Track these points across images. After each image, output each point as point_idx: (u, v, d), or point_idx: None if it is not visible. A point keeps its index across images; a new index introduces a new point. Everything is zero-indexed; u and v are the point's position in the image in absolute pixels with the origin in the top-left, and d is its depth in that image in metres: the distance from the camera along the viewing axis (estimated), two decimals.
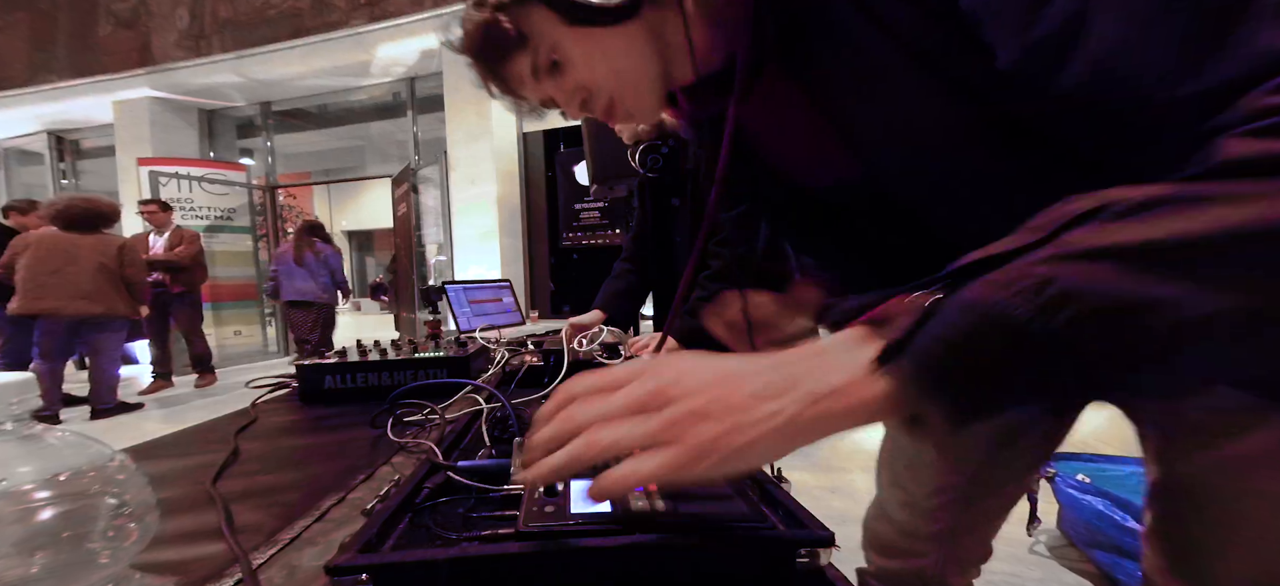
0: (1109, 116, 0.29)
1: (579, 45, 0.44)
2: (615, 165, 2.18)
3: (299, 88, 5.54)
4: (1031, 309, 0.24)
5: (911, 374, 0.28)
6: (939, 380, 0.27)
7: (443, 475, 0.47)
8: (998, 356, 0.26)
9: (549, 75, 0.46)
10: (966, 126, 0.36)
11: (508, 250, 4.67)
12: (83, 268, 3.19)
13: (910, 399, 0.28)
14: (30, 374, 0.34)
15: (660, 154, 1.31)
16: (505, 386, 0.94)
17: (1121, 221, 0.24)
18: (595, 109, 0.48)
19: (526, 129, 4.83)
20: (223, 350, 5.30)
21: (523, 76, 0.48)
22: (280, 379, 1.05)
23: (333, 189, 13.55)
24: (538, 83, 0.47)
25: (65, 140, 6.70)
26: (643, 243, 1.46)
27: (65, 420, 3.44)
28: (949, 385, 0.27)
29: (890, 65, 0.36)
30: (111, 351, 3.46)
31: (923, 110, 0.37)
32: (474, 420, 0.66)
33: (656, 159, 1.31)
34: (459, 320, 1.74)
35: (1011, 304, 0.25)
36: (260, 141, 6.09)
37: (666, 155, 1.31)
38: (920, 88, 0.36)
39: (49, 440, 0.34)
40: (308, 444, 0.72)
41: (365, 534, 0.35)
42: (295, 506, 0.50)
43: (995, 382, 0.26)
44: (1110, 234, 0.24)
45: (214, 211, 5.40)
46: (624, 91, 0.47)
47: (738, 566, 0.34)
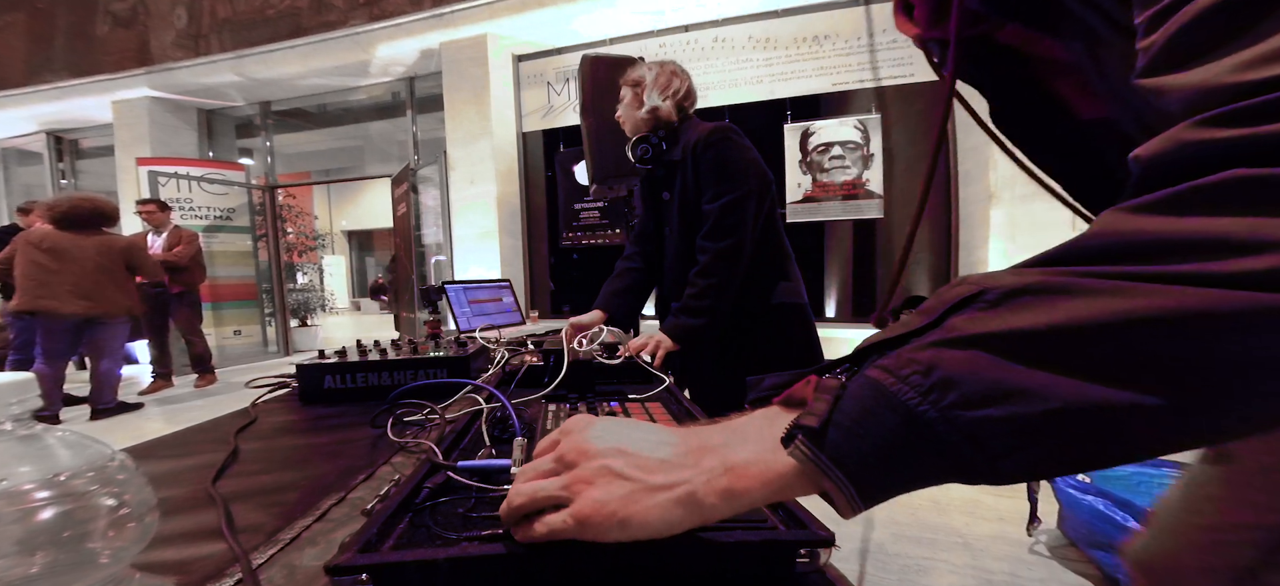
0: None
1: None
2: (615, 165, 2.18)
3: (298, 87, 5.54)
4: (918, 394, 0.25)
5: (813, 453, 0.28)
6: (839, 459, 0.27)
7: (443, 475, 0.47)
8: (893, 438, 0.26)
9: None
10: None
11: (507, 250, 4.66)
12: (83, 267, 3.19)
13: (813, 477, 0.28)
14: (30, 374, 0.34)
15: (650, 145, 1.31)
16: (505, 386, 0.94)
17: (992, 310, 0.25)
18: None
19: (526, 129, 4.83)
20: (222, 350, 5.30)
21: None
22: (280, 379, 1.05)
23: (332, 189, 13.55)
24: None
25: (64, 140, 6.69)
26: (645, 239, 1.46)
27: (65, 420, 3.44)
28: (849, 464, 0.27)
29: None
30: (114, 351, 3.46)
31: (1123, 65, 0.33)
32: (474, 420, 0.66)
33: (646, 150, 1.31)
34: (459, 320, 1.74)
35: (901, 389, 0.26)
36: (259, 141, 6.08)
37: (655, 145, 1.31)
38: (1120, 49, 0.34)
39: (49, 440, 0.34)
40: (308, 444, 0.72)
41: (365, 533, 0.35)
42: (295, 506, 0.50)
43: (892, 463, 0.27)
44: (982, 322, 0.25)
45: (213, 211, 5.39)
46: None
47: (738, 566, 0.34)
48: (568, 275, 4.92)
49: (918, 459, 0.26)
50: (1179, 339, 0.21)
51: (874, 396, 0.27)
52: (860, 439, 0.27)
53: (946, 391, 0.25)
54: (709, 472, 0.31)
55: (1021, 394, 0.23)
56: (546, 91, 4.72)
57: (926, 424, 0.25)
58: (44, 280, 3.11)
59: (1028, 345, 0.24)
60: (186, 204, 5.19)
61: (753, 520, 0.37)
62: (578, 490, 0.32)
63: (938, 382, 0.25)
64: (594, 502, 0.31)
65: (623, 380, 0.97)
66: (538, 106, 4.77)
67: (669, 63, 1.36)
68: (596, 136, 2.19)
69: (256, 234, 5.81)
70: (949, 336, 0.26)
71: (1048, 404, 0.23)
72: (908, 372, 0.26)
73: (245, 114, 6.13)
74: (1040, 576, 1.57)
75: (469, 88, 4.53)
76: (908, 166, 3.91)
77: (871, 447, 0.27)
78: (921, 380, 0.26)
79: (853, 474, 0.27)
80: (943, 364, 0.25)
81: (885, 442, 0.26)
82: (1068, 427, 0.23)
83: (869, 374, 0.28)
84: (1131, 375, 0.22)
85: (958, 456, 0.25)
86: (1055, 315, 0.23)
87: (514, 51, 4.71)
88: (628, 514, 0.31)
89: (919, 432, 0.25)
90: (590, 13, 4.22)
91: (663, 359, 1.16)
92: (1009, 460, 0.24)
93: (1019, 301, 0.24)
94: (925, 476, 0.27)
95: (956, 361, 0.25)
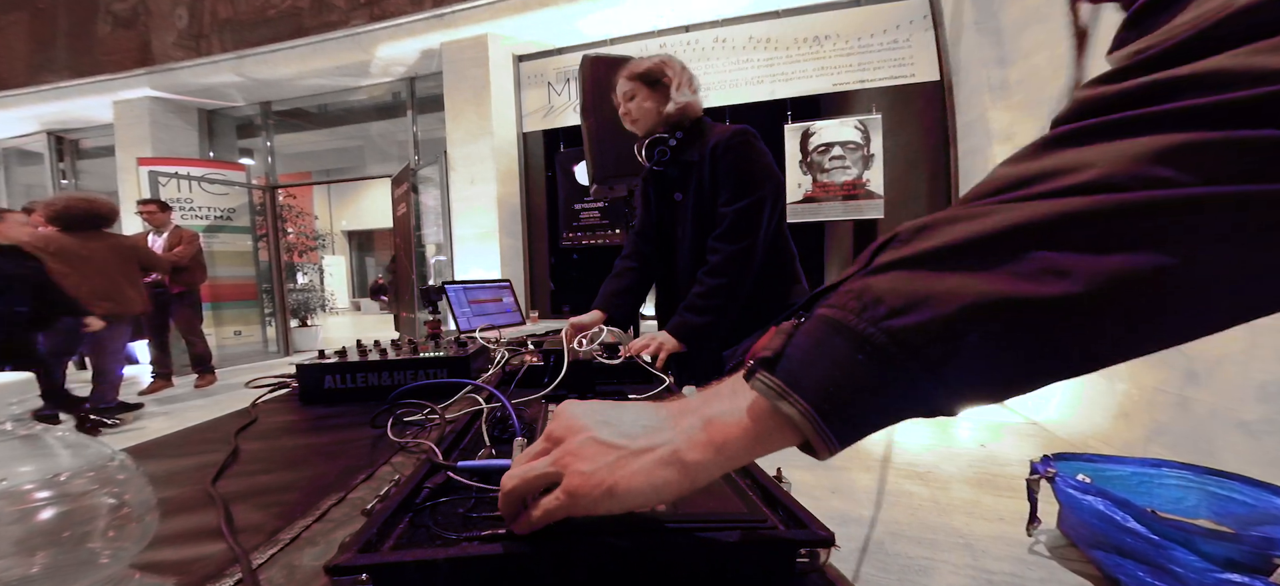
0: None
1: None
2: (615, 165, 2.18)
3: (299, 87, 5.54)
4: (855, 315, 0.29)
5: (769, 380, 0.31)
6: (795, 383, 0.30)
7: (443, 475, 0.47)
8: (843, 361, 0.29)
9: None
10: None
11: (507, 250, 4.67)
12: (97, 268, 3.22)
13: (776, 406, 0.30)
14: (30, 374, 0.34)
15: (667, 147, 1.30)
16: (505, 386, 0.94)
17: (906, 243, 0.30)
18: None
19: (526, 129, 4.84)
20: (222, 350, 5.30)
21: None
22: (280, 379, 1.05)
23: (333, 189, 13.56)
24: None
25: (65, 140, 6.70)
26: (645, 239, 1.45)
27: (65, 420, 3.44)
28: (806, 389, 0.30)
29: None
30: (115, 351, 3.47)
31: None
32: (474, 420, 0.66)
33: (664, 152, 1.30)
34: (459, 320, 1.74)
35: (843, 315, 0.30)
36: (260, 141, 6.09)
37: (674, 148, 1.30)
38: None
39: (49, 440, 0.34)
40: (308, 444, 0.72)
41: (365, 533, 0.35)
42: (295, 506, 0.50)
43: (847, 387, 0.29)
44: (898, 251, 0.30)
45: (214, 211, 5.39)
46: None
47: (738, 566, 0.34)
48: (568, 275, 4.93)
49: (868, 378, 0.28)
50: (1045, 235, 0.26)
51: (822, 327, 0.30)
52: (814, 365, 0.30)
53: (877, 306, 0.28)
54: (688, 429, 0.33)
55: (936, 297, 0.27)
56: (547, 92, 4.72)
57: (866, 339, 0.28)
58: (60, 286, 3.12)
59: (935, 259, 0.28)
60: (187, 204, 5.19)
61: (753, 520, 0.37)
62: (566, 463, 0.33)
63: (869, 302, 0.29)
64: (582, 474, 0.32)
65: (623, 380, 0.97)
66: (538, 106, 4.77)
67: (675, 57, 1.34)
68: (597, 137, 2.19)
69: (257, 234, 5.82)
70: (874, 267, 0.30)
71: (960, 300, 0.27)
72: (846, 301, 0.30)
73: (246, 114, 6.13)
74: (1040, 576, 1.57)
75: (469, 88, 4.53)
76: (908, 167, 3.91)
77: (825, 372, 0.29)
78: (856, 303, 0.29)
79: (811, 398, 0.29)
80: (871, 287, 0.29)
81: (837, 366, 0.29)
82: (983, 323, 0.27)
83: (818, 311, 0.31)
84: (1019, 270, 0.26)
85: (902, 370, 0.28)
86: (954, 234, 0.28)
87: (514, 52, 4.72)
88: (614, 480, 0.32)
89: (864, 350, 0.28)
90: (591, 13, 4.22)
91: (665, 359, 1.16)
92: (948, 367, 0.27)
93: (926, 231, 0.29)
94: (880, 397, 0.29)
95: (881, 283, 0.29)
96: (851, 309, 0.29)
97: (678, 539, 0.34)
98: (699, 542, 0.34)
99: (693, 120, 1.31)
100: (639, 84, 1.31)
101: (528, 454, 0.37)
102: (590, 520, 0.36)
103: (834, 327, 0.30)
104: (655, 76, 1.30)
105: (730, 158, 1.24)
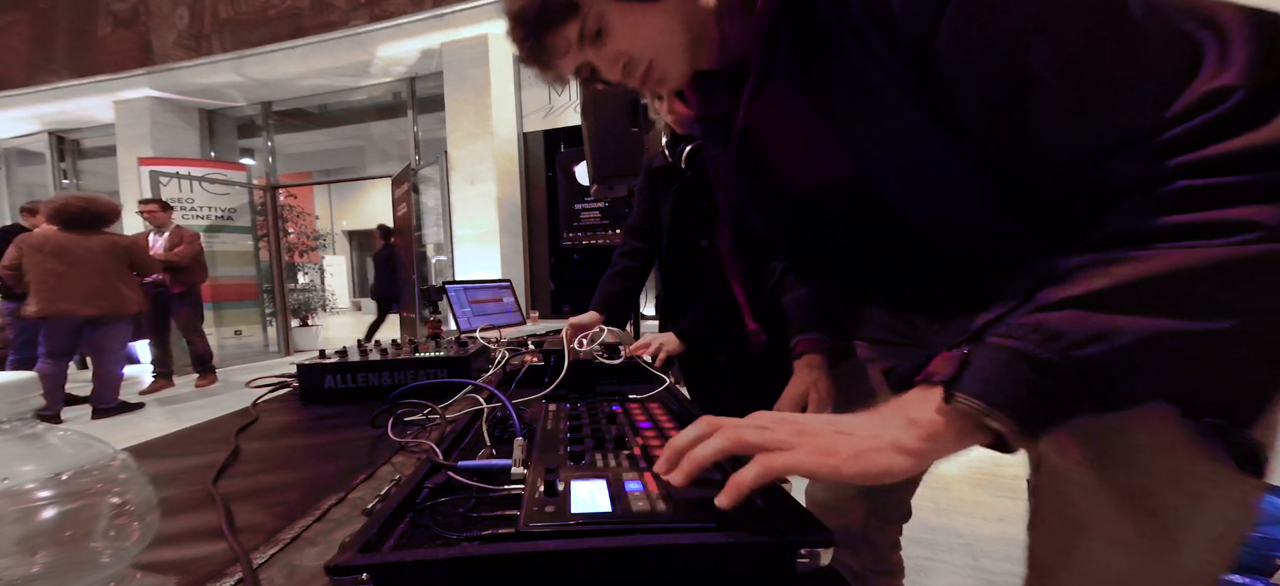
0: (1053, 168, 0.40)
1: (624, 18, 0.51)
2: (615, 165, 2.18)
3: (299, 87, 5.55)
4: (1036, 345, 0.34)
5: (979, 407, 0.35)
6: (992, 401, 0.35)
7: (443, 475, 0.47)
8: (1031, 382, 0.34)
9: (592, 43, 0.53)
10: (948, 152, 0.45)
11: (508, 250, 4.67)
12: (93, 267, 3.21)
13: (976, 420, 0.36)
14: (33, 374, 0.34)
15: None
16: (506, 386, 0.94)
17: (1067, 282, 0.35)
18: (634, 74, 0.54)
19: (527, 129, 4.84)
20: (223, 350, 5.30)
21: (567, 44, 0.54)
22: (281, 379, 1.05)
23: (333, 189, 13.55)
24: (580, 50, 0.54)
25: (66, 140, 6.70)
26: (642, 236, 1.43)
27: (66, 419, 3.44)
28: (1004, 405, 0.35)
29: (883, 93, 0.44)
30: (116, 350, 3.47)
31: (907, 131, 0.45)
32: (474, 420, 0.66)
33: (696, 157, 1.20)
34: (459, 320, 1.74)
35: (1023, 345, 0.35)
36: (261, 141, 6.09)
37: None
38: (905, 117, 0.44)
39: (51, 439, 0.34)
40: (308, 444, 0.72)
41: (365, 533, 0.35)
42: (296, 506, 0.50)
43: (1040, 401, 0.34)
44: (1064, 291, 0.35)
45: (215, 211, 5.40)
46: (660, 59, 0.53)
47: (738, 566, 0.34)
48: (568, 275, 4.92)
49: (1059, 394, 0.34)
50: (1211, 277, 0.31)
51: (1004, 356, 0.35)
52: (1005, 388, 0.35)
53: (1058, 340, 0.34)
54: (901, 426, 0.38)
55: (1112, 332, 0.33)
56: (547, 92, 4.72)
57: (1051, 365, 0.33)
58: (56, 285, 3.12)
59: (1107, 299, 0.33)
60: (188, 204, 5.20)
61: (753, 520, 0.37)
62: (803, 440, 0.38)
63: (1048, 336, 0.34)
64: (821, 447, 0.37)
65: (623, 380, 0.97)
66: (538, 106, 4.77)
67: None
68: (597, 137, 2.19)
69: (258, 234, 5.82)
70: (1042, 304, 0.35)
71: (1134, 335, 0.32)
72: (1021, 333, 0.35)
73: (247, 114, 6.13)
74: None
75: (470, 88, 4.53)
76: None
77: (1020, 394, 0.34)
78: (1034, 335, 0.34)
79: (1012, 414, 0.34)
80: (1047, 323, 0.34)
81: (1027, 387, 0.34)
82: (1158, 351, 0.32)
83: (990, 342, 0.37)
84: (1187, 307, 0.32)
85: (1085, 385, 0.33)
86: (1121, 275, 0.33)
87: (515, 52, 4.71)
88: (856, 451, 0.37)
89: (1050, 373, 0.34)
90: None
91: (664, 360, 1.16)
92: (1130, 382, 0.34)
93: (1088, 270, 0.35)
94: (1071, 407, 0.35)
95: (1058, 319, 0.34)
96: (1033, 340, 0.34)
97: (678, 538, 0.34)
98: (700, 542, 0.34)
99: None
100: None
101: (689, 437, 0.40)
102: (588, 518, 0.36)
103: (1015, 356, 0.35)
104: None
105: None
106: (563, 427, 0.58)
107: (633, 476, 0.43)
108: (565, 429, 0.57)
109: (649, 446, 0.51)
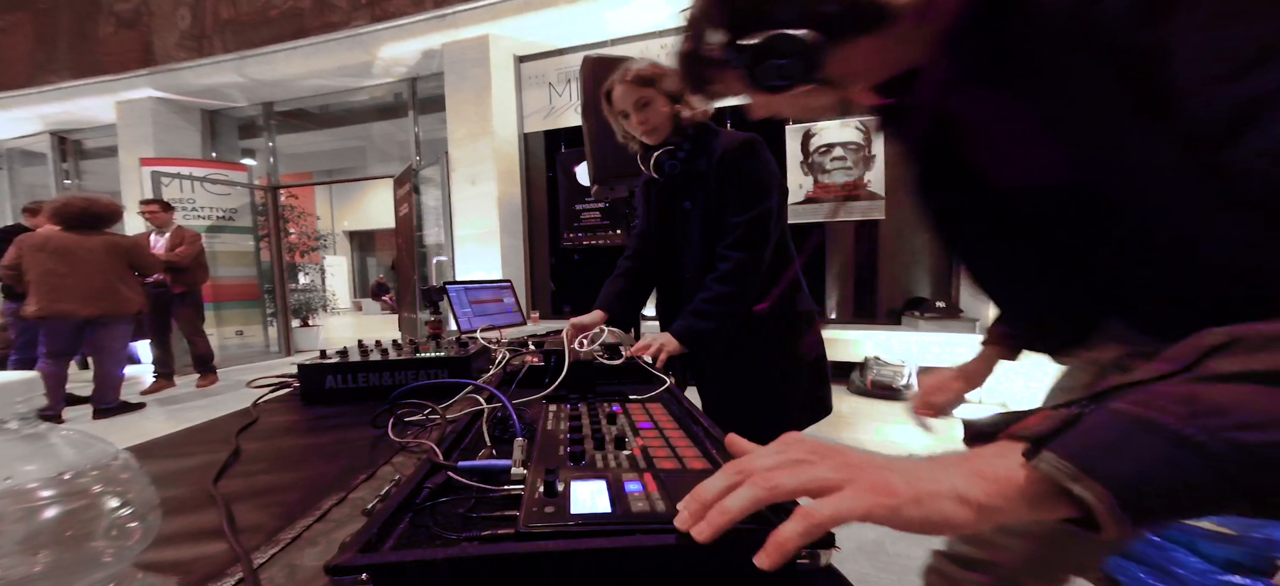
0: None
1: (762, 101, 0.51)
2: (616, 165, 2.18)
3: (301, 88, 5.55)
4: (1182, 420, 0.28)
5: (1066, 469, 0.30)
6: (1091, 470, 0.29)
7: (443, 475, 0.47)
8: (1158, 461, 0.28)
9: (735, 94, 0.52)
10: (1160, 159, 0.37)
11: (508, 250, 4.67)
12: (93, 267, 3.22)
13: (1060, 485, 0.30)
14: (35, 373, 0.35)
15: (677, 159, 1.27)
16: (506, 386, 0.94)
17: (1257, 353, 0.28)
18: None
19: (527, 129, 4.84)
20: (224, 350, 5.31)
21: (716, 93, 0.54)
22: (281, 379, 1.05)
23: (334, 189, 13.57)
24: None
25: (68, 140, 6.71)
26: (647, 240, 1.45)
27: (68, 419, 3.45)
28: (1106, 478, 0.29)
29: (1090, 97, 0.38)
30: (117, 351, 3.47)
31: (1116, 135, 0.38)
32: (474, 420, 0.66)
33: (675, 164, 1.27)
34: (460, 320, 1.74)
35: (1162, 417, 0.29)
36: (262, 142, 6.10)
37: (683, 159, 1.27)
38: (1116, 121, 0.37)
39: (53, 439, 0.34)
40: (309, 444, 0.73)
41: (366, 533, 0.35)
42: (296, 506, 0.51)
43: (1159, 484, 0.29)
44: (1249, 362, 0.29)
45: (216, 211, 5.40)
46: (806, 115, 0.52)
47: (738, 566, 0.34)
48: (568, 275, 4.92)
49: (1195, 478, 0.28)
50: None
51: (1128, 423, 0.30)
52: (1116, 456, 0.29)
53: (1218, 417, 0.28)
54: (965, 477, 0.33)
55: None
56: (548, 92, 4.72)
57: (1197, 446, 0.28)
58: (56, 284, 3.12)
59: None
60: (189, 204, 5.20)
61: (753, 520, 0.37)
62: (852, 475, 0.33)
63: (1205, 410, 0.28)
64: (878, 485, 0.32)
65: (624, 381, 0.98)
66: (539, 107, 4.77)
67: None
68: (598, 137, 2.19)
69: (259, 234, 5.82)
70: (1209, 374, 0.29)
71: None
72: (1165, 405, 0.29)
73: (248, 114, 6.14)
74: None
75: (471, 88, 4.53)
76: None
77: (1133, 468, 0.29)
78: (1183, 409, 0.28)
79: (1112, 486, 0.29)
80: (1206, 395, 0.28)
81: (1150, 464, 0.28)
82: None
83: (1116, 406, 0.31)
84: None
85: (1243, 481, 0.27)
86: None
87: (515, 52, 4.72)
88: (917, 494, 0.32)
89: (1191, 455, 0.28)
90: (591, 14, 4.22)
91: (665, 361, 1.16)
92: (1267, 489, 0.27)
93: (1273, 345, 0.28)
94: (1203, 498, 0.29)
95: (1225, 393, 0.28)
96: (1175, 413, 0.29)
97: (678, 539, 0.34)
98: (699, 543, 0.34)
99: (700, 127, 1.30)
100: (654, 90, 1.25)
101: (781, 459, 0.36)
102: (588, 518, 0.36)
103: (1145, 427, 0.29)
104: (666, 79, 1.26)
105: (739, 167, 1.23)
106: (563, 428, 0.58)
107: (633, 477, 0.43)
108: (565, 429, 0.57)
109: (649, 447, 0.51)
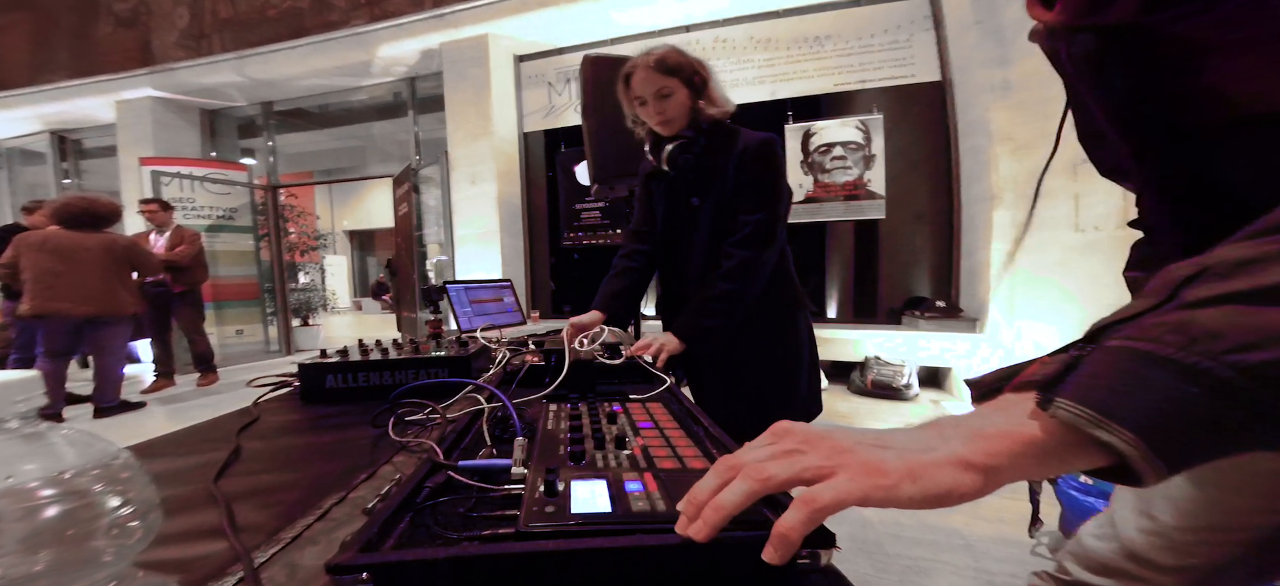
0: None
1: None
2: (616, 165, 2.18)
3: (300, 87, 5.55)
4: (1181, 349, 0.27)
5: (1087, 415, 0.28)
6: (1111, 413, 0.28)
7: (444, 474, 0.47)
8: (1171, 394, 0.27)
9: None
10: None
11: (508, 250, 4.67)
12: (90, 267, 3.21)
13: (1084, 434, 0.28)
14: (35, 372, 0.35)
15: (692, 154, 1.25)
16: (506, 386, 0.94)
17: (1228, 277, 0.28)
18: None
19: (527, 128, 4.84)
20: (224, 349, 5.31)
21: None
22: (282, 378, 1.05)
23: (334, 189, 13.56)
24: None
25: (67, 140, 6.70)
26: (643, 238, 1.44)
27: (68, 418, 3.44)
28: (1128, 418, 0.27)
29: None
30: (117, 350, 3.47)
31: None
32: (475, 420, 0.66)
33: (688, 158, 1.25)
34: (460, 320, 1.74)
35: (1159, 348, 0.28)
36: (262, 141, 6.09)
37: (698, 153, 1.26)
38: None
39: (53, 438, 0.34)
40: (309, 443, 0.73)
41: (366, 533, 0.35)
42: (296, 505, 0.51)
43: (1181, 420, 0.27)
44: (1224, 286, 0.28)
45: (216, 211, 5.40)
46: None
47: (738, 565, 0.34)
48: (568, 275, 4.92)
49: (1208, 411, 0.27)
50: None
51: (1129, 359, 0.28)
52: (1130, 395, 0.28)
53: (1215, 341, 0.26)
54: (964, 440, 0.31)
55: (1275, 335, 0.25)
56: (547, 92, 4.72)
57: (1202, 373, 0.26)
58: (52, 283, 3.12)
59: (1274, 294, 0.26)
60: (189, 204, 5.20)
61: (753, 520, 0.37)
62: (844, 460, 0.31)
63: (1201, 336, 0.27)
64: (870, 466, 0.31)
65: (624, 380, 0.98)
66: (539, 106, 4.77)
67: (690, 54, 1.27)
68: (598, 137, 2.19)
69: (258, 234, 5.82)
70: (1191, 301, 0.28)
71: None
72: (1159, 335, 0.28)
73: (247, 114, 6.14)
74: None
75: (470, 88, 4.53)
76: (909, 167, 3.91)
77: (1149, 403, 0.27)
78: (1179, 337, 0.27)
79: (1136, 428, 0.27)
80: (1198, 321, 0.27)
81: (1164, 399, 0.27)
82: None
83: (1111, 344, 0.30)
84: None
85: (1254, 404, 0.26)
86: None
87: (515, 52, 4.72)
88: (909, 467, 0.30)
89: (1200, 383, 0.26)
90: (591, 13, 4.22)
91: (665, 360, 1.16)
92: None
93: (1251, 267, 0.27)
94: (1222, 430, 0.27)
95: (1213, 317, 0.27)
96: (1171, 342, 0.28)
97: (677, 538, 0.34)
98: (699, 542, 0.34)
99: (717, 123, 1.27)
100: (677, 81, 1.22)
101: (771, 450, 0.35)
102: (588, 518, 0.36)
103: (1146, 360, 0.28)
104: (691, 72, 1.24)
105: (758, 167, 1.22)
106: (563, 428, 0.58)
107: (633, 476, 0.43)
108: (566, 429, 0.57)
109: (649, 447, 0.51)
